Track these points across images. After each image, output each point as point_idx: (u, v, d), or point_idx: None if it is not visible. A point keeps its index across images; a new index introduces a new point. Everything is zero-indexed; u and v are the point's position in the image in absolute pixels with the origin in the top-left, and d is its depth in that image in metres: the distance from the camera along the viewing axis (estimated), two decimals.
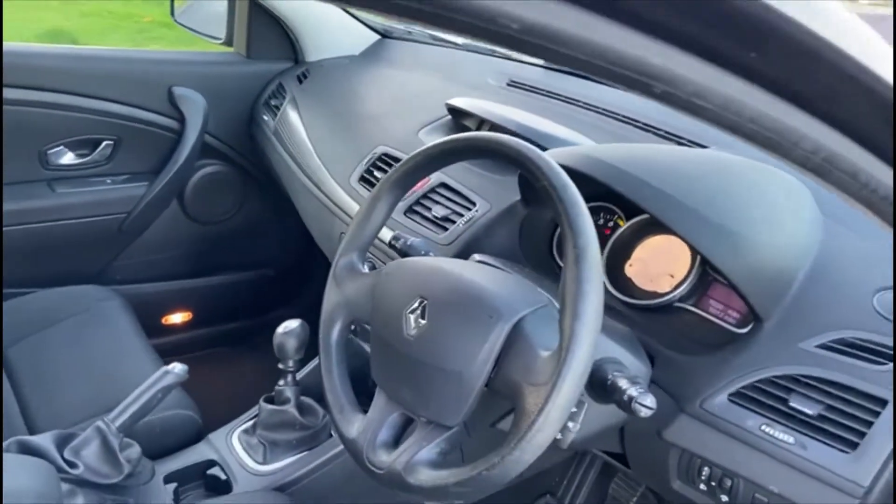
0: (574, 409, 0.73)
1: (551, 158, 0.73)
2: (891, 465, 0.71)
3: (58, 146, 1.54)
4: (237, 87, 1.71)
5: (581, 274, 0.65)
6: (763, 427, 0.76)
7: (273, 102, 1.64)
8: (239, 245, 1.85)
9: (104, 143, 1.59)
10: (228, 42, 1.75)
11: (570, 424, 0.73)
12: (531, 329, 0.71)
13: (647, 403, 0.70)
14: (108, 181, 1.61)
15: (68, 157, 1.56)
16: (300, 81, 1.64)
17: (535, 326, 0.71)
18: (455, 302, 0.74)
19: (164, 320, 1.78)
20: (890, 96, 0.46)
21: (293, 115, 1.55)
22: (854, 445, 0.72)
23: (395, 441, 0.78)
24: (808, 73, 0.44)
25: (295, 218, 1.62)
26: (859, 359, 0.76)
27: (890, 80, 0.46)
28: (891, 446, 0.71)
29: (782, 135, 0.47)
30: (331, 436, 1.17)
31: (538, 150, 0.74)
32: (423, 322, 0.75)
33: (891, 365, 0.74)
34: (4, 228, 1.50)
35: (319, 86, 1.61)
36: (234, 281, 1.86)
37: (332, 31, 1.75)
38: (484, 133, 0.81)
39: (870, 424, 0.72)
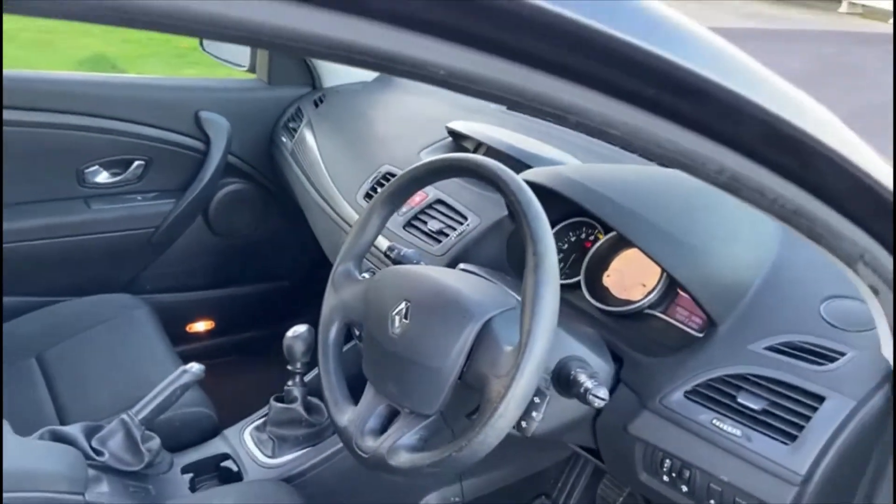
0: (537, 401, 0.81)
1: (520, 178, 0.82)
2: (828, 456, 0.78)
3: (94, 166, 1.67)
4: (259, 111, 1.83)
5: (539, 278, 0.74)
6: (714, 421, 0.83)
7: (291, 125, 1.76)
8: (259, 258, 1.95)
9: (136, 163, 1.71)
10: (252, 69, 1.87)
11: (535, 414, 0.81)
12: (499, 328, 0.80)
13: (600, 395, 0.79)
14: (139, 198, 1.73)
15: (103, 176, 1.69)
16: (316, 105, 1.75)
17: (503, 326, 0.80)
18: (434, 304, 0.83)
19: (188, 328, 1.89)
20: (777, 123, 0.54)
21: (309, 137, 1.66)
22: (793, 438, 0.79)
23: (382, 429, 0.87)
24: (703, 106, 0.52)
25: (310, 233, 1.73)
26: (802, 360, 0.83)
27: (777, 109, 0.54)
28: (826, 439, 0.78)
29: (687, 157, 0.56)
30: (334, 433, 1.27)
31: (509, 171, 0.83)
32: (406, 322, 0.84)
33: (830, 365, 0.81)
34: (43, 241, 1.63)
35: (334, 110, 1.72)
36: (254, 292, 1.97)
37: None
38: (463, 154, 0.90)
39: (808, 419, 0.79)
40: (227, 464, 1.24)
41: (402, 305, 0.85)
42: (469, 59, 0.45)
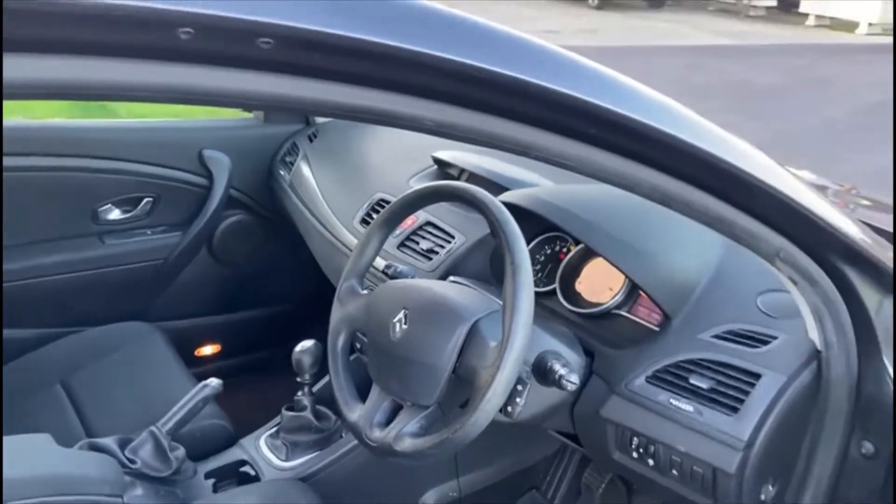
0: (520, 388, 0.94)
1: (498, 200, 0.96)
2: (767, 424, 0.92)
3: (106, 204, 1.80)
4: (257, 148, 1.98)
5: (516, 284, 0.88)
6: (671, 400, 0.98)
7: (288, 159, 1.90)
8: (261, 284, 2.09)
9: (145, 201, 1.85)
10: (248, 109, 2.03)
11: (518, 400, 0.95)
12: (485, 327, 0.94)
13: (572, 380, 0.93)
14: (149, 232, 1.87)
15: (115, 214, 1.82)
16: (311, 140, 1.90)
17: (488, 325, 0.94)
18: (428, 310, 0.97)
19: (196, 352, 2.02)
20: (692, 150, 0.69)
21: (305, 170, 1.81)
22: (736, 410, 0.93)
23: (387, 422, 1.00)
24: (635, 141, 0.67)
25: (308, 258, 1.86)
26: (742, 344, 0.98)
27: (696, 141, 0.69)
28: (763, 409, 0.92)
29: (624, 179, 0.71)
30: (342, 436, 1.40)
31: (489, 194, 0.98)
32: (405, 327, 0.98)
33: (764, 347, 0.96)
34: (63, 276, 1.76)
35: (327, 143, 1.87)
36: (258, 316, 2.10)
37: None
38: (449, 182, 1.05)
39: (748, 393, 0.93)
40: (245, 469, 1.37)
41: (401, 313, 0.98)
42: (451, 112, 0.60)
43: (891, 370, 0.89)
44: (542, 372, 0.97)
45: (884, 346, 0.88)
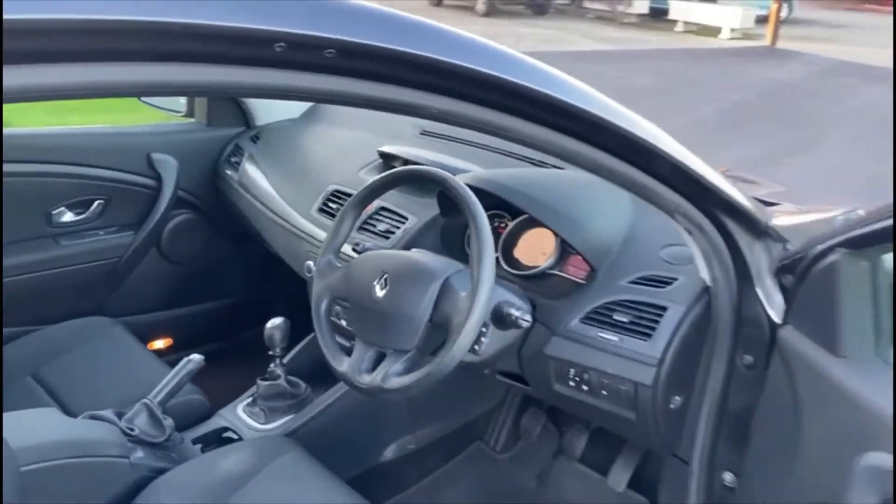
0: (484, 330, 1.17)
1: (461, 181, 1.19)
2: (673, 344, 1.19)
3: (60, 207, 1.89)
4: (202, 150, 2.10)
5: (481, 243, 1.10)
6: (599, 334, 1.23)
7: (233, 160, 2.05)
8: (209, 279, 2.21)
9: (96, 203, 1.94)
10: (189, 114, 2.15)
11: (483, 339, 1.17)
12: (455, 281, 1.15)
13: (526, 318, 1.16)
14: (101, 233, 1.96)
15: (68, 216, 1.91)
16: (254, 141, 2.05)
17: (457, 280, 1.15)
18: (405, 271, 1.18)
19: (149, 346, 2.11)
20: (622, 132, 0.93)
21: (252, 169, 1.96)
22: (649, 336, 1.19)
23: (373, 368, 1.19)
24: (576, 123, 0.91)
25: (255, 253, 2.00)
26: (651, 286, 1.24)
27: (621, 123, 0.93)
28: (669, 333, 1.19)
29: (569, 153, 0.95)
30: (313, 401, 1.58)
31: (450, 175, 1.19)
32: (387, 287, 1.17)
33: (667, 287, 1.23)
34: (21, 277, 1.83)
35: (271, 143, 2.03)
36: (206, 310, 2.22)
37: (273, 100, 2.18)
38: (413, 167, 1.26)
39: (658, 322, 1.20)
40: (228, 434, 1.52)
41: (381, 276, 1.18)
42: (450, 103, 0.81)
43: (763, 297, 1.17)
44: (499, 317, 1.19)
45: (755, 278, 1.16)
